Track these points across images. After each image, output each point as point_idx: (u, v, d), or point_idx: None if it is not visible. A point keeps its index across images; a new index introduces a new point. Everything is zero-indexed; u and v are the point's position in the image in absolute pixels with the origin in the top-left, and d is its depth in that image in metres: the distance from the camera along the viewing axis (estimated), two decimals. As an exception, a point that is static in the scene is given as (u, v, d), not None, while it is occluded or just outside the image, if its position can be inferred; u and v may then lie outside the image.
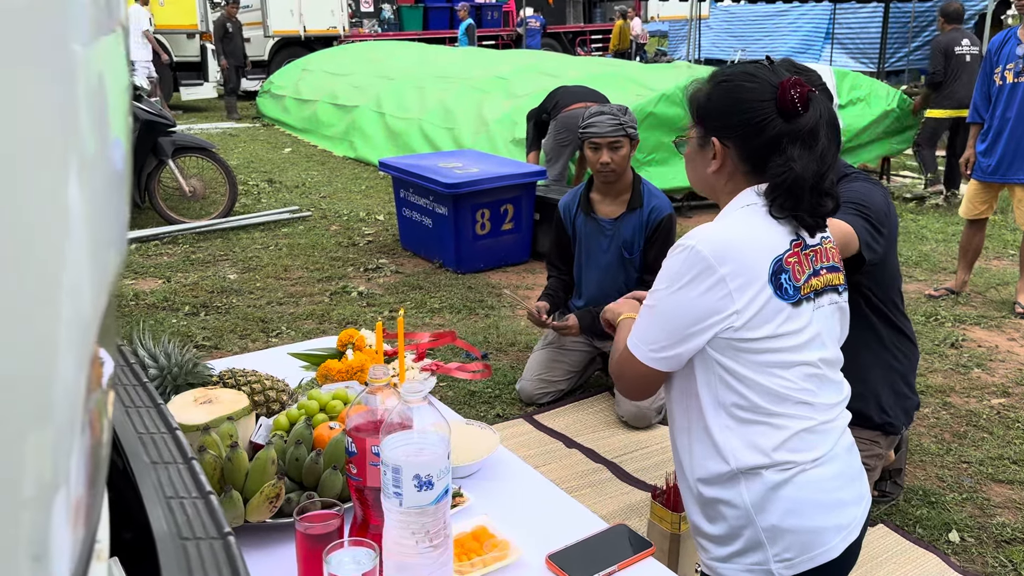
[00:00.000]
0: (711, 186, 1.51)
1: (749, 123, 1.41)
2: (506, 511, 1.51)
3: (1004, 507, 2.73)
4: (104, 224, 0.49)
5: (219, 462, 1.38)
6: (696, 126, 1.50)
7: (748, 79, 1.44)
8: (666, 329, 1.41)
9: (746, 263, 1.38)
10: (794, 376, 1.43)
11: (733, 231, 1.41)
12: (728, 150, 1.45)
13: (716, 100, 1.46)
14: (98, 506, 0.55)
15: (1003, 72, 4.27)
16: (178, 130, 6.29)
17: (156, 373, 1.67)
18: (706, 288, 1.37)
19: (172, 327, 4.21)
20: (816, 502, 1.44)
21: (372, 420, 1.28)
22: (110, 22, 0.53)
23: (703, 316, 1.38)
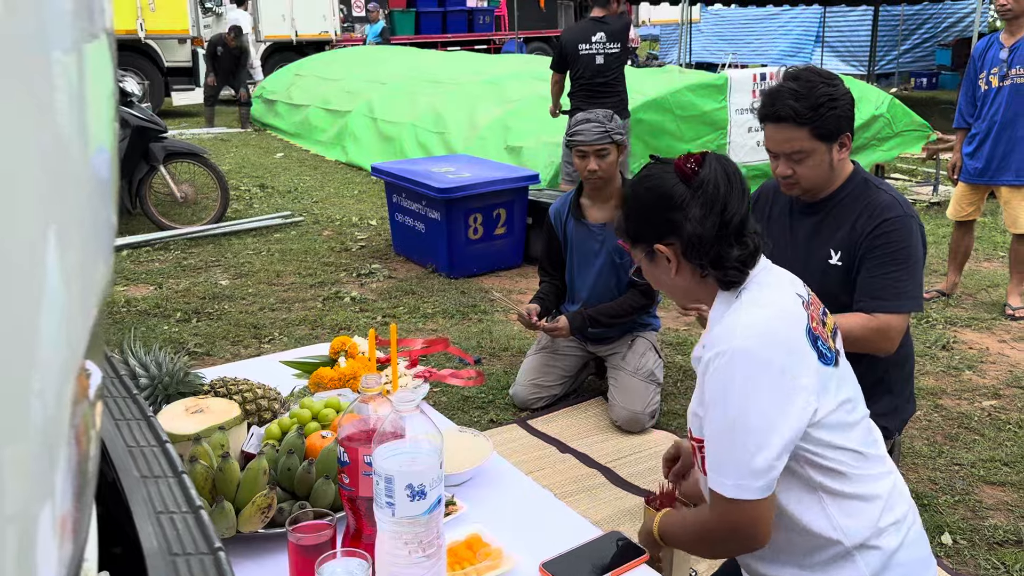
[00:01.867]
0: (685, 290, 1.45)
1: (671, 208, 1.38)
2: (500, 519, 1.51)
3: (996, 509, 2.74)
4: (89, 235, 0.48)
5: (210, 472, 1.38)
6: (635, 247, 1.46)
7: (647, 180, 1.43)
8: (754, 445, 1.31)
9: (790, 343, 1.34)
10: (859, 433, 1.44)
11: (763, 315, 1.35)
12: (674, 247, 1.40)
13: (636, 212, 1.44)
14: (86, 521, 0.54)
15: (988, 77, 4.33)
16: (169, 136, 6.28)
17: (147, 382, 1.67)
18: (764, 380, 1.31)
19: (164, 334, 4.20)
20: (922, 558, 1.47)
21: (364, 429, 1.27)
22: (93, 28, 0.53)
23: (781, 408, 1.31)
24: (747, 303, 1.38)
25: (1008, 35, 4.27)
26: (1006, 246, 5.78)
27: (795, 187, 2.17)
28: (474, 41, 16.52)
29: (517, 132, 7.16)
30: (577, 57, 5.45)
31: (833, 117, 2.05)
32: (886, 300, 2.10)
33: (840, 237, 2.18)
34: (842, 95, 2.07)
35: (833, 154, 2.11)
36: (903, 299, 2.11)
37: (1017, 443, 3.15)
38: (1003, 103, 4.28)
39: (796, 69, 2.15)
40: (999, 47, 4.29)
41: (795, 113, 2.03)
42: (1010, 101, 4.26)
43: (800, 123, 2.04)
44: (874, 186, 2.20)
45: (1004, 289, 4.91)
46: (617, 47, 5.42)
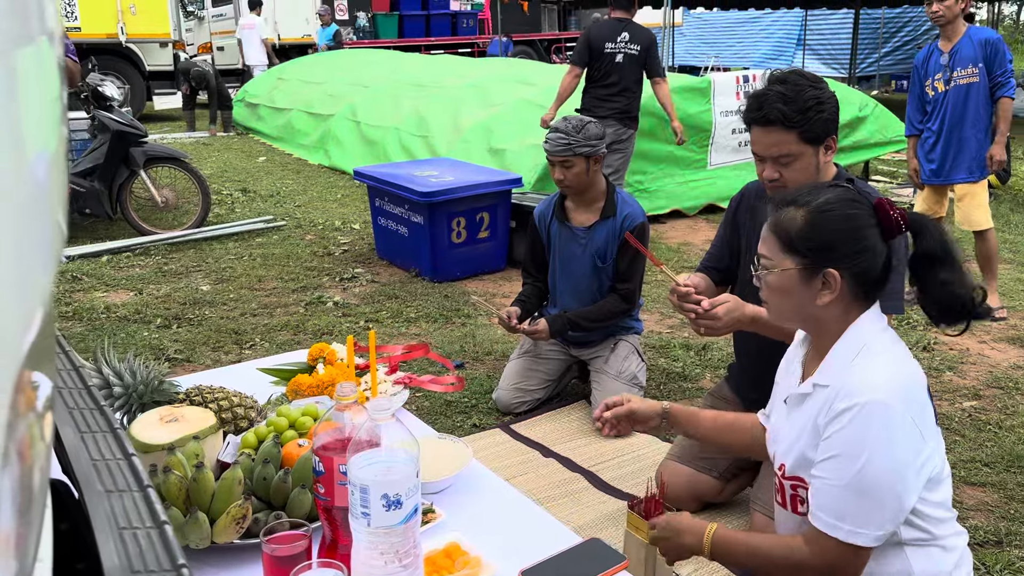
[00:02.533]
0: (815, 317, 1.43)
1: (866, 249, 1.38)
2: (479, 526, 1.49)
3: (977, 510, 2.75)
4: (27, 243, 0.47)
5: (184, 483, 1.36)
6: (794, 256, 1.40)
7: (853, 205, 1.40)
8: (884, 497, 1.32)
9: (919, 399, 1.36)
10: (947, 487, 1.46)
11: (899, 369, 1.37)
12: (844, 279, 1.39)
13: (826, 228, 1.39)
14: (34, 537, 0.53)
15: (933, 83, 4.52)
16: (150, 140, 6.23)
17: (121, 391, 1.64)
18: (900, 435, 1.31)
19: (143, 340, 4.15)
20: None
21: (340, 438, 1.26)
22: (29, 32, 0.51)
23: (909, 464, 1.32)
24: (880, 353, 1.38)
25: (945, 41, 4.44)
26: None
27: (781, 190, 2.17)
28: (458, 45, 16.51)
29: (501, 135, 7.15)
30: (601, 55, 5.46)
31: (820, 120, 2.05)
32: None
33: None
34: (828, 98, 2.08)
35: (820, 157, 2.11)
36: (884, 300, 2.11)
37: (997, 444, 3.17)
38: (950, 105, 4.46)
39: (782, 72, 2.15)
40: (939, 53, 4.48)
41: (783, 117, 2.03)
42: (956, 103, 4.44)
43: (788, 127, 2.04)
44: (858, 189, 2.20)
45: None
46: (637, 48, 5.42)
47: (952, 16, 4.31)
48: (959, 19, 4.36)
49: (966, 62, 4.37)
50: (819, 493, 1.37)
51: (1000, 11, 17.31)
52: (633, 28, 5.48)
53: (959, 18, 4.36)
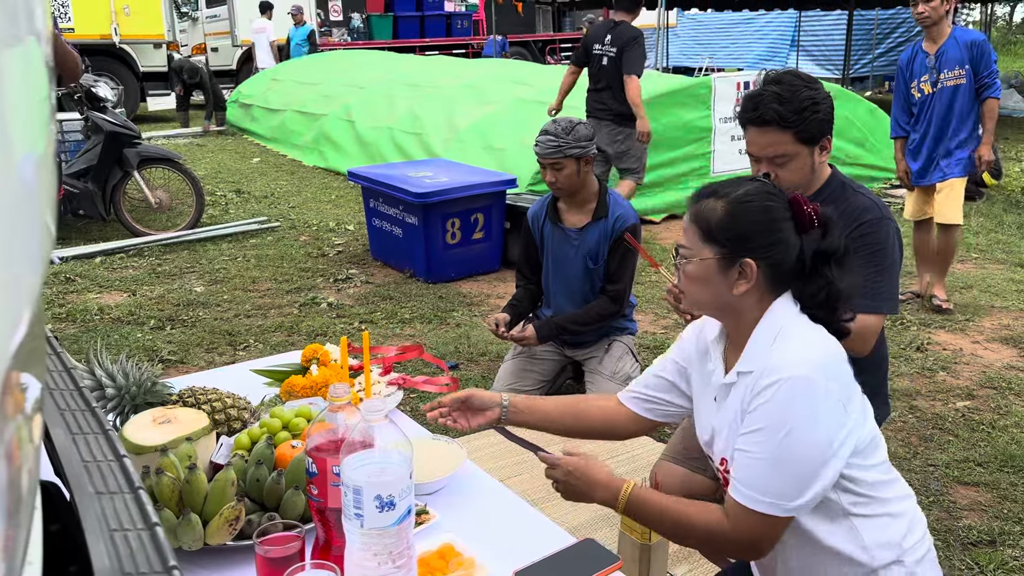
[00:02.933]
0: (731, 306, 1.45)
1: (781, 241, 1.41)
2: (473, 527, 1.49)
3: (970, 510, 2.76)
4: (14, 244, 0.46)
5: (177, 484, 1.35)
6: (713, 246, 1.43)
7: (770, 198, 1.44)
8: (802, 470, 1.34)
9: (841, 371, 1.38)
10: (883, 453, 1.48)
11: (817, 345, 1.39)
12: (760, 270, 1.42)
13: (744, 219, 1.42)
14: (23, 539, 0.53)
15: (919, 84, 4.52)
16: (144, 141, 6.21)
17: (114, 392, 1.64)
18: (823, 409, 1.34)
19: (137, 342, 4.14)
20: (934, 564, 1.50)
21: (333, 439, 1.26)
22: (16, 32, 0.51)
23: (831, 439, 1.34)
24: (797, 333, 1.40)
25: (930, 42, 4.45)
26: (979, 248, 5.86)
27: None
28: (452, 46, 16.51)
29: (498, 135, 7.16)
30: (592, 56, 5.55)
31: (816, 121, 2.06)
32: (863, 300, 2.11)
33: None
34: (823, 98, 2.08)
35: (815, 157, 2.12)
36: (879, 300, 2.12)
37: (991, 443, 3.18)
38: (937, 107, 4.47)
39: (777, 73, 2.15)
40: (924, 55, 4.48)
41: (779, 117, 2.03)
42: (943, 105, 4.46)
43: (784, 127, 2.04)
44: (851, 189, 2.20)
45: (977, 291, 4.97)
46: (614, 51, 5.44)
47: (937, 17, 4.32)
48: (944, 20, 4.37)
49: (953, 64, 4.37)
50: (741, 466, 1.39)
51: (992, 12, 17.37)
52: (618, 30, 5.47)
53: (944, 19, 4.36)
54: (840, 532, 1.43)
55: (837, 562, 1.44)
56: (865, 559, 1.43)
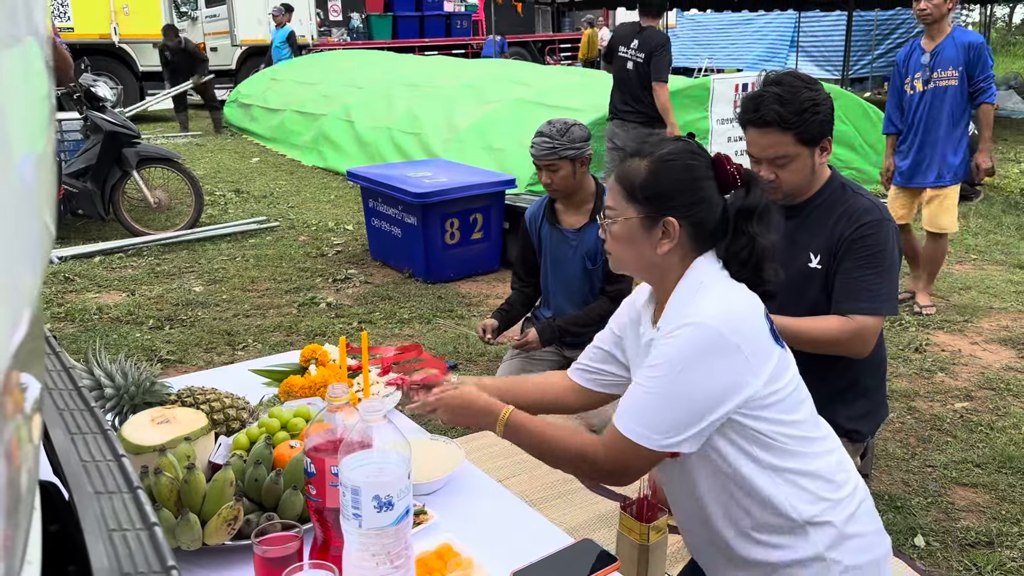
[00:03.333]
0: (655, 266, 1.47)
1: (704, 200, 1.43)
2: (471, 528, 1.49)
3: (968, 511, 2.76)
4: (14, 244, 0.47)
5: (176, 484, 1.36)
6: (636, 205, 1.45)
7: (693, 156, 1.45)
8: (684, 414, 1.36)
9: (753, 327, 1.39)
10: (806, 410, 1.49)
11: (733, 298, 1.41)
12: (683, 228, 1.43)
13: (667, 178, 1.44)
14: (21, 539, 0.53)
15: (912, 82, 4.48)
16: (143, 141, 6.21)
17: (113, 392, 1.64)
18: (724, 364, 1.35)
19: (136, 341, 4.14)
20: (874, 531, 1.51)
21: (332, 439, 1.26)
22: (15, 32, 0.51)
23: (726, 393, 1.36)
24: (714, 290, 1.42)
25: (928, 40, 4.41)
26: (978, 249, 5.87)
27: (776, 192, 2.17)
28: (452, 46, 16.51)
29: (498, 134, 7.16)
30: (616, 58, 5.63)
31: (817, 122, 2.06)
32: (863, 302, 2.11)
33: (819, 241, 2.19)
34: (824, 99, 2.09)
35: (815, 158, 2.12)
36: (879, 302, 2.12)
37: (989, 445, 3.18)
38: (927, 106, 4.43)
39: (778, 74, 2.15)
40: (920, 52, 4.45)
41: (780, 118, 2.04)
42: (933, 104, 4.41)
43: (785, 128, 2.05)
44: (851, 191, 2.21)
45: (976, 292, 4.98)
46: (642, 57, 5.53)
47: (939, 15, 4.29)
48: (945, 19, 4.34)
49: (947, 64, 4.33)
50: (629, 396, 1.42)
51: (992, 13, 17.39)
52: (645, 35, 5.55)
53: (945, 18, 4.34)
54: (762, 483, 1.43)
55: (761, 511, 1.44)
56: (788, 511, 1.43)
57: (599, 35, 17.75)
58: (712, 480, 1.45)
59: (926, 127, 4.44)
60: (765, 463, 1.42)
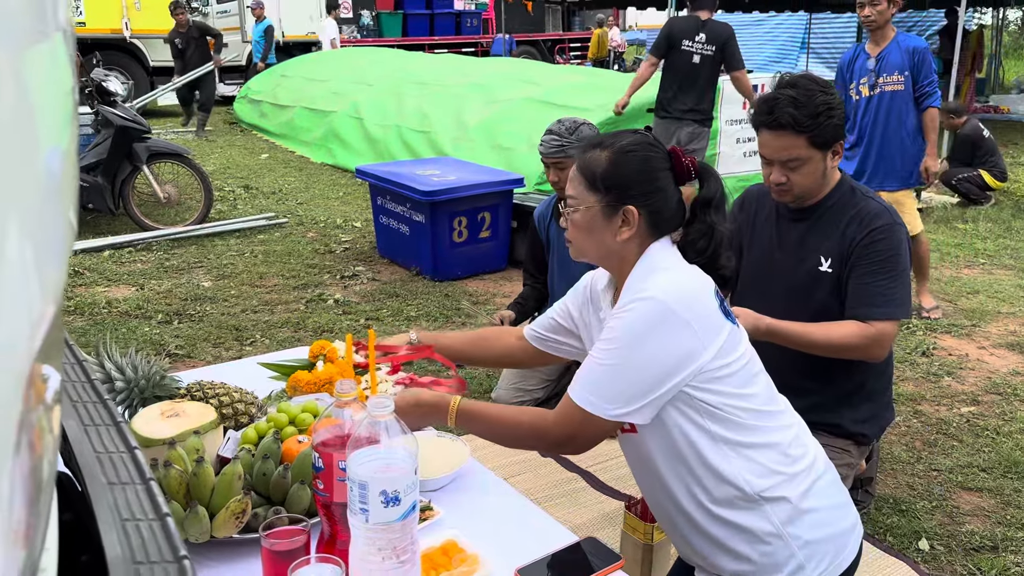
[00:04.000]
0: (615, 253, 1.52)
1: (660, 190, 1.50)
2: (476, 524, 1.50)
3: (973, 515, 2.76)
4: (40, 236, 0.48)
5: (185, 477, 1.37)
6: (597, 194, 1.50)
7: (651, 148, 1.51)
8: (635, 384, 1.41)
9: (703, 303, 1.44)
10: (761, 384, 1.53)
11: (683, 276, 1.46)
12: (641, 217, 1.49)
13: (626, 168, 1.49)
14: (42, 528, 0.54)
15: (858, 87, 4.45)
16: (153, 136, 6.24)
17: (123, 386, 1.65)
18: (674, 337, 1.40)
19: (144, 335, 4.17)
20: (834, 506, 1.54)
21: (339, 435, 1.27)
22: (44, 28, 0.52)
23: (676, 365, 1.40)
24: (667, 267, 1.48)
25: (873, 45, 4.39)
26: (987, 253, 5.85)
27: (787, 194, 2.18)
28: (461, 44, 16.52)
29: (507, 133, 7.17)
30: (680, 51, 5.61)
31: (831, 126, 2.07)
32: (879, 307, 2.12)
33: (830, 244, 2.19)
34: (838, 104, 2.10)
35: (827, 162, 2.13)
36: (895, 306, 2.13)
37: (995, 449, 3.18)
38: (875, 111, 4.40)
39: (793, 76, 2.16)
40: (866, 56, 4.42)
41: (794, 121, 2.04)
42: (880, 110, 4.38)
43: (799, 131, 2.06)
44: (861, 194, 2.21)
45: (984, 296, 4.96)
46: (712, 49, 5.57)
47: (883, 21, 4.28)
48: (889, 24, 4.33)
49: (892, 69, 4.31)
50: (584, 368, 1.46)
51: (1004, 16, 17.28)
52: (710, 27, 5.59)
53: (889, 23, 4.33)
54: (714, 455, 1.46)
55: (715, 484, 1.47)
56: (741, 484, 1.46)
57: (609, 35, 17.73)
58: (668, 454, 1.49)
59: (873, 133, 4.41)
60: (717, 435, 1.45)
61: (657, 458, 1.51)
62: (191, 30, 10.63)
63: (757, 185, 2.44)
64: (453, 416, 1.53)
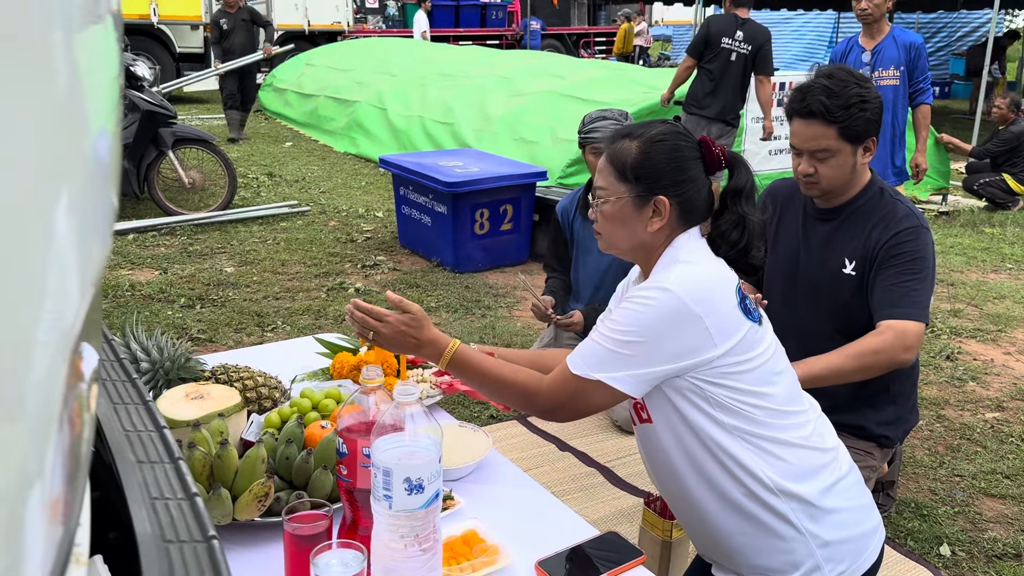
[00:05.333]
0: (645, 244, 1.51)
1: (691, 180, 1.48)
2: (497, 515, 1.50)
3: (996, 522, 2.72)
4: (87, 218, 0.48)
5: (208, 459, 1.37)
6: (628, 185, 1.48)
7: (681, 138, 1.50)
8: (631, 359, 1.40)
9: (721, 298, 1.42)
10: (784, 384, 1.51)
11: (704, 271, 1.44)
12: (672, 207, 1.47)
13: (657, 158, 1.48)
14: (78, 504, 0.54)
15: None
16: (179, 121, 6.28)
17: (148, 367, 1.66)
18: (682, 329, 1.39)
19: (167, 319, 4.20)
20: (856, 507, 1.52)
21: (364, 421, 1.27)
22: (98, 10, 0.52)
23: (677, 355, 1.40)
24: (689, 260, 1.46)
25: (867, 38, 4.31)
26: (1014, 258, 5.77)
27: (815, 187, 2.15)
28: (486, 36, 16.49)
29: (531, 126, 7.14)
30: (718, 50, 5.58)
31: (862, 119, 2.04)
32: (905, 307, 2.09)
33: (855, 246, 2.16)
34: (873, 98, 2.07)
35: (857, 157, 2.10)
36: (920, 308, 2.10)
37: (1019, 456, 3.13)
38: None
39: (830, 67, 2.14)
40: (860, 50, 4.33)
41: (825, 110, 2.03)
42: None
43: (829, 121, 2.03)
44: (890, 196, 2.18)
45: (1011, 300, 4.90)
46: (748, 48, 5.55)
47: (880, 14, 4.19)
48: (884, 18, 4.25)
49: (888, 63, 4.22)
50: (587, 341, 1.45)
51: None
52: (749, 27, 5.56)
53: (885, 17, 4.24)
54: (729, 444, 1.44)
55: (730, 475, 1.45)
56: (760, 476, 1.44)
57: (636, 29, 17.63)
58: (684, 445, 1.48)
59: None
60: (733, 428, 1.44)
61: (672, 450, 1.49)
62: (241, 12, 9.51)
63: (783, 180, 2.41)
64: (447, 360, 1.49)
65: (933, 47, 17.08)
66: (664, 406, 1.47)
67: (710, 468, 1.47)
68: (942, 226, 6.64)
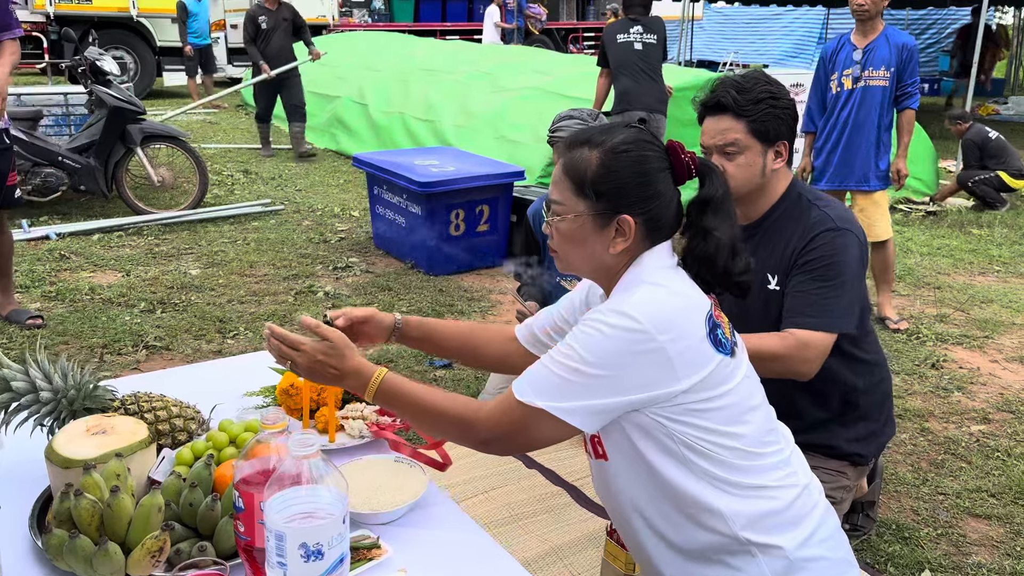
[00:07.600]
0: (605, 265, 1.35)
1: (658, 195, 1.32)
2: (429, 564, 1.35)
3: (980, 544, 2.60)
4: None
5: (97, 508, 1.23)
6: (586, 201, 1.32)
7: (647, 146, 1.33)
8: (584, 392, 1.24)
9: (686, 329, 1.26)
10: (755, 422, 1.36)
11: (670, 297, 1.28)
12: (638, 226, 1.31)
13: (620, 172, 1.31)
14: None
15: (840, 78, 4.21)
16: (148, 117, 6.09)
17: (50, 396, 1.51)
18: (641, 359, 1.23)
19: (124, 326, 4.03)
20: (835, 561, 1.38)
21: (265, 470, 1.12)
22: None
23: (634, 387, 1.24)
24: (653, 285, 1.29)
25: (860, 36, 4.17)
26: (1002, 260, 5.66)
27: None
28: (473, 31, 16.29)
29: (513, 124, 6.98)
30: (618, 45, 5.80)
31: (772, 116, 1.98)
32: (809, 316, 1.96)
33: (775, 260, 2.05)
34: (784, 97, 2.01)
35: (768, 160, 2.01)
36: (828, 317, 1.96)
37: (1005, 472, 3.01)
38: (855, 105, 4.17)
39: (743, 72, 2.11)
40: (851, 48, 4.19)
41: (735, 103, 1.97)
42: (861, 104, 4.16)
43: (739, 115, 1.98)
44: (808, 201, 2.07)
45: (998, 304, 4.78)
46: (654, 38, 5.78)
47: (876, 11, 4.07)
48: (880, 16, 4.13)
49: (879, 63, 4.09)
50: (536, 365, 1.29)
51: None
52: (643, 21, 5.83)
53: (880, 15, 4.12)
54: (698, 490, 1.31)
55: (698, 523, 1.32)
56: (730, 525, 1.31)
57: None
58: (645, 488, 1.33)
59: (854, 127, 4.18)
60: (699, 470, 1.30)
61: (627, 492, 1.35)
62: (282, 10, 8.06)
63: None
64: (372, 392, 1.33)
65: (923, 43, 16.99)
66: (622, 443, 1.33)
67: (671, 516, 1.33)
68: (929, 227, 6.52)
